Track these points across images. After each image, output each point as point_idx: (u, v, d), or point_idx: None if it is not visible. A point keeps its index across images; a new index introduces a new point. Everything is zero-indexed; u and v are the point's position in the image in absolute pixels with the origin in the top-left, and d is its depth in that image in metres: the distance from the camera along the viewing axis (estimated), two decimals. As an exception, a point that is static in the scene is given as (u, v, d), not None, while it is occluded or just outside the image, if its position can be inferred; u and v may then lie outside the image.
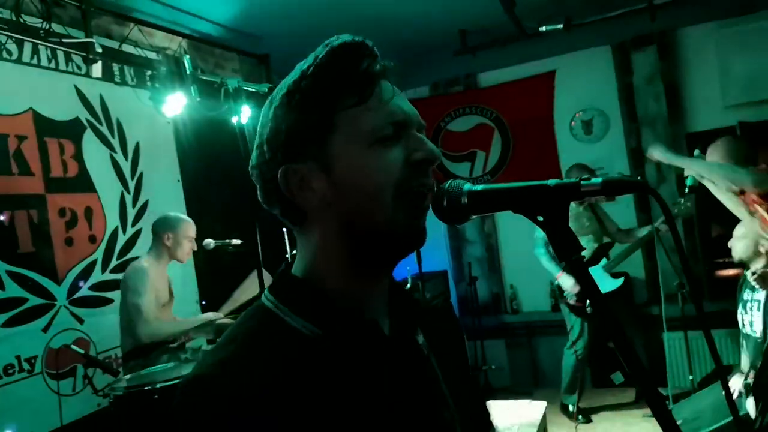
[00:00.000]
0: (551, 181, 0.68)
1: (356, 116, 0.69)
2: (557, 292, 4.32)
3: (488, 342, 5.14)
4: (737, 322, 3.19)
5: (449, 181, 0.73)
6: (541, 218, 0.69)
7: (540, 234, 4.32)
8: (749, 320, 3.07)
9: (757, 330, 2.98)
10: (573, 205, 4.22)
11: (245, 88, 3.75)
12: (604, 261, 4.25)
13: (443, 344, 0.85)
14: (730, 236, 3.05)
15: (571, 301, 4.19)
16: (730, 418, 3.00)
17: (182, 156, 3.97)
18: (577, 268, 0.68)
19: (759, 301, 2.98)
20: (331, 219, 0.70)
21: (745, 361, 3.15)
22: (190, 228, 3.05)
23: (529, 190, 0.69)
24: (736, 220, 2.92)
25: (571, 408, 4.33)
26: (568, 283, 4.17)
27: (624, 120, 4.92)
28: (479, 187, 0.72)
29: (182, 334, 3.02)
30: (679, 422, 2.67)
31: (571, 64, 4.99)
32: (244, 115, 3.98)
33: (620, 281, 4.28)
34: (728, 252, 3.12)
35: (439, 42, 4.93)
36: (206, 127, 3.93)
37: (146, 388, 2.27)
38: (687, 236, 4.81)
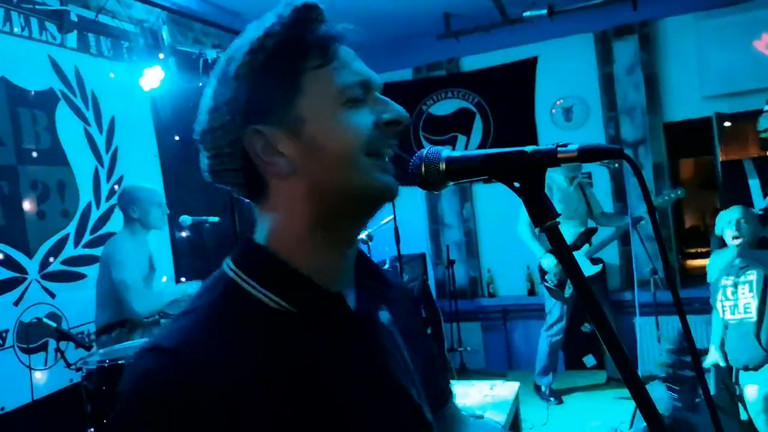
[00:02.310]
0: (529, 148, 0.69)
1: (324, 77, 0.68)
2: (539, 272, 4.36)
3: (464, 325, 5.20)
4: (711, 308, 3.25)
5: (428, 148, 0.73)
6: (517, 184, 0.69)
7: (524, 212, 4.33)
8: (736, 304, 3.10)
9: (752, 311, 3.01)
10: (564, 185, 4.28)
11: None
12: (586, 247, 4.31)
13: (405, 318, 0.85)
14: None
15: (551, 284, 4.25)
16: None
17: (160, 131, 3.90)
18: (552, 236, 0.68)
19: (751, 282, 3.03)
20: (298, 183, 0.68)
21: (718, 347, 3.20)
22: (151, 194, 2.95)
23: (507, 156, 0.69)
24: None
25: (543, 388, 4.42)
26: (549, 264, 4.23)
27: (603, 108, 4.97)
28: (457, 154, 0.72)
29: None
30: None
31: (554, 51, 5.01)
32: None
33: (599, 267, 4.36)
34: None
35: (422, 25, 4.90)
36: (185, 102, 3.85)
37: (120, 362, 2.24)
38: (661, 226, 4.90)
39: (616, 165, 4.29)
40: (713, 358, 3.15)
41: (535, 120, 5.16)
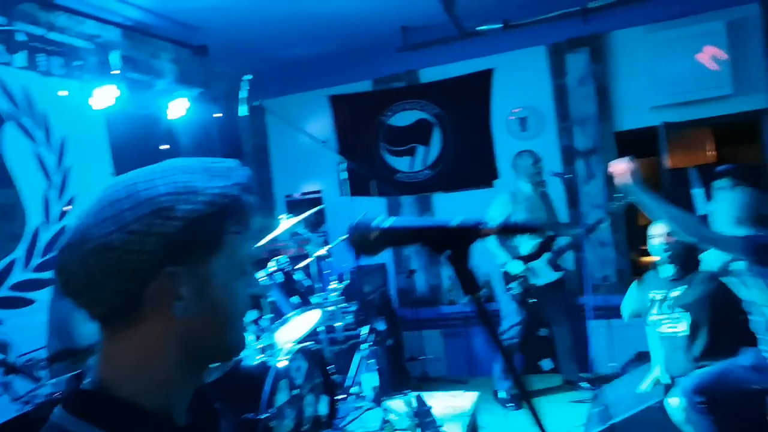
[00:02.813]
0: (454, 221, 0.74)
1: (238, 243, 0.75)
2: (504, 277, 4.47)
3: (426, 332, 5.28)
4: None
5: (360, 217, 0.78)
6: (448, 253, 0.75)
7: (490, 219, 4.43)
8: (667, 319, 3.24)
9: (681, 327, 3.15)
10: (530, 193, 4.38)
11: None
12: (547, 255, 4.44)
13: None
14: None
15: (516, 290, 4.37)
16: (647, 405, 3.24)
17: (116, 149, 3.85)
18: (478, 305, 0.75)
19: (676, 298, 3.17)
20: (179, 327, 0.71)
21: (660, 360, 3.34)
22: None
23: (435, 229, 0.74)
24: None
25: (502, 394, 4.52)
26: (515, 270, 4.35)
27: (557, 118, 5.11)
28: (387, 224, 0.76)
29: None
30: (601, 407, 2.84)
31: (508, 63, 5.13)
32: (179, 106, 3.90)
33: (559, 274, 4.49)
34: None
35: (381, 38, 4.95)
36: (141, 119, 3.83)
37: (72, 393, 2.22)
38: (615, 230, 5.06)
39: (570, 175, 4.42)
40: (656, 374, 3.30)
41: (492, 130, 5.27)
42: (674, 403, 2.90)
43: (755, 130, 4.90)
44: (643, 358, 4.13)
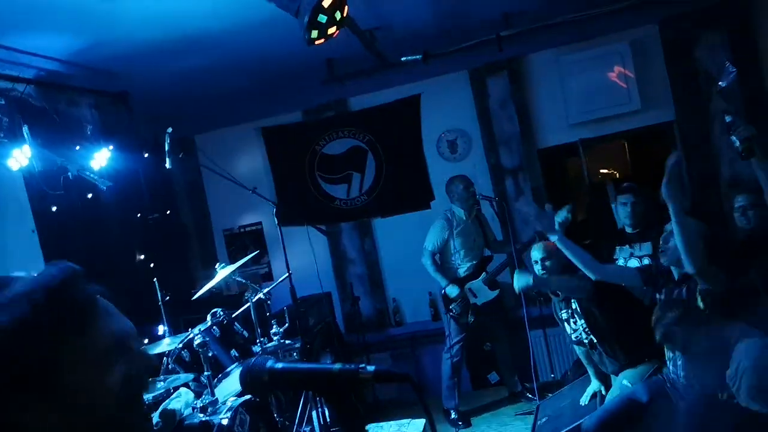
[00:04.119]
0: (336, 366, 0.81)
1: (82, 347, 0.71)
2: (443, 301, 4.60)
3: (374, 356, 5.34)
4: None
5: (255, 358, 0.83)
6: (332, 397, 0.81)
7: (428, 245, 4.58)
8: (576, 330, 3.46)
9: (587, 334, 3.36)
10: (464, 218, 4.52)
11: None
12: (483, 275, 4.60)
13: None
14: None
15: (455, 312, 4.50)
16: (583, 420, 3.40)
17: (37, 205, 3.72)
18: None
19: (575, 309, 3.38)
20: None
21: (592, 373, 3.56)
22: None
23: (319, 373, 0.80)
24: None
25: (452, 414, 4.63)
26: (453, 292, 4.47)
27: (484, 139, 5.31)
28: (278, 366, 0.82)
29: None
30: (543, 420, 2.99)
31: (434, 88, 5.29)
32: (101, 158, 3.83)
33: (496, 292, 4.66)
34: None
35: (307, 70, 4.99)
36: (62, 175, 3.71)
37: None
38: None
39: (497, 198, 4.60)
40: (594, 387, 3.50)
41: (424, 153, 5.41)
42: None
43: (666, 139, 5.24)
44: (581, 366, 4.34)
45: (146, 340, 3.54)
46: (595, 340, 3.32)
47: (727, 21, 4.71)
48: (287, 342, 3.67)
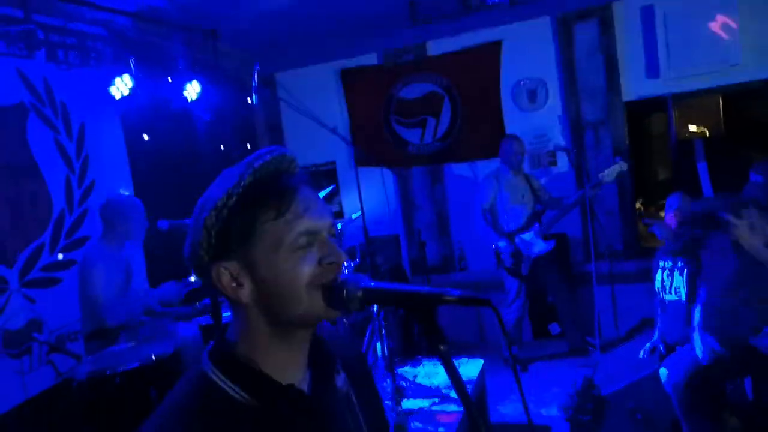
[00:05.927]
0: (424, 288, 0.87)
1: (274, 229, 0.83)
2: (496, 256, 4.65)
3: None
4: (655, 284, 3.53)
5: (349, 275, 0.91)
6: (418, 314, 0.88)
7: (481, 203, 4.65)
8: (669, 285, 3.39)
9: (681, 295, 3.29)
10: (509, 176, 4.53)
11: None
12: (536, 225, 4.58)
13: (361, 381, 1.04)
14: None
15: (507, 265, 4.54)
16: (647, 373, 3.40)
17: (130, 135, 3.99)
18: (444, 358, 0.87)
19: (681, 268, 3.30)
20: (257, 308, 0.86)
21: (660, 325, 3.50)
22: (135, 207, 3.07)
23: (409, 294, 0.87)
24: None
25: (509, 359, 4.72)
26: (504, 245, 4.51)
27: (565, 89, 5.12)
28: (372, 285, 0.89)
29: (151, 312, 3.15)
30: (602, 373, 3.01)
31: (516, 34, 5.11)
32: (192, 91, 4.00)
33: (551, 244, 4.62)
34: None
35: (389, 12, 4.95)
36: (155, 106, 3.95)
37: (108, 373, 2.43)
38: (622, 196, 5.12)
39: (575, 150, 4.48)
40: (655, 342, 3.45)
41: (501, 101, 5.30)
42: (663, 374, 3.05)
43: (765, 96, 4.86)
44: (647, 324, 4.28)
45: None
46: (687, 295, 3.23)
47: None
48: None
